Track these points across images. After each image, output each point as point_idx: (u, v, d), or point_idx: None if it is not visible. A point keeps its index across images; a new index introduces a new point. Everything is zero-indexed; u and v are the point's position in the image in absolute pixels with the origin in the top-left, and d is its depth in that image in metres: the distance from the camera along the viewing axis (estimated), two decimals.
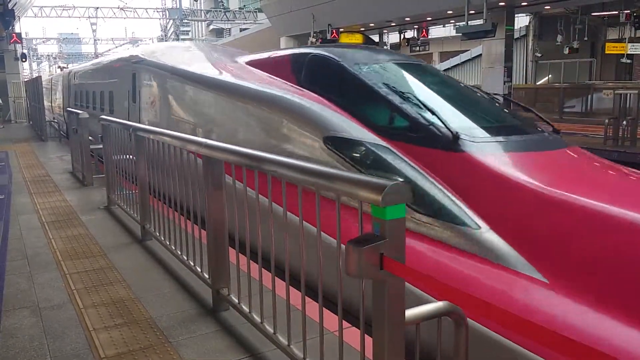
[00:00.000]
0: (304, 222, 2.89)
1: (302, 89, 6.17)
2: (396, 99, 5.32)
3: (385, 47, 31.90)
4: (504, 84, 22.35)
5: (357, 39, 28.17)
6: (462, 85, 6.60)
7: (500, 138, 4.85)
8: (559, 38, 27.98)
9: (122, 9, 40.87)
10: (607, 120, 14.54)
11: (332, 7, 26.96)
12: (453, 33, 30.45)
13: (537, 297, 3.53)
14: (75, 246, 5.75)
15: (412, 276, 2.04)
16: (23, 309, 4.16)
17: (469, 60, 35.81)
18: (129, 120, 9.16)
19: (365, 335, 2.47)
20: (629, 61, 26.70)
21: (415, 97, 5.34)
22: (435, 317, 2.25)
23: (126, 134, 6.16)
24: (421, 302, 2.38)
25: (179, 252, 4.75)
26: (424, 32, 29.86)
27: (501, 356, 3.32)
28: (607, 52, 26.83)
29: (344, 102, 5.60)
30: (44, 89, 24.26)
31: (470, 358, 2.38)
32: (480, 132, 4.91)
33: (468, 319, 2.31)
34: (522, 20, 31.11)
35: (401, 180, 2.22)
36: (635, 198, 4.18)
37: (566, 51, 27.60)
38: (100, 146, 7.74)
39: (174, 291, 4.45)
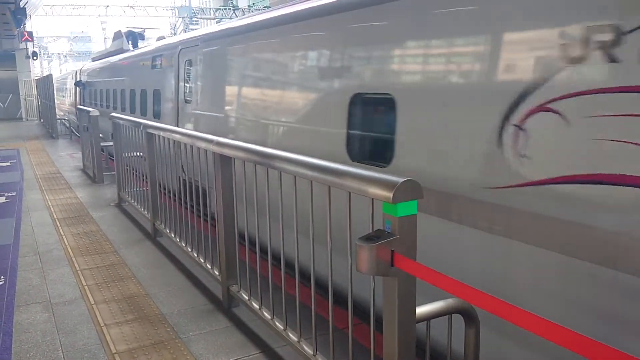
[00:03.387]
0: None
1: None
2: None
3: None
4: None
5: None
6: None
7: None
8: None
9: (131, 7, 41.07)
10: None
11: None
12: None
13: None
14: (87, 242, 5.79)
15: (423, 273, 2.03)
16: (35, 304, 4.20)
17: None
18: None
19: (376, 332, 2.47)
20: None
21: None
22: (447, 315, 2.25)
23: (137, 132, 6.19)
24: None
25: (190, 249, 4.77)
26: None
27: None
28: None
29: None
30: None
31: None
32: None
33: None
34: None
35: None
36: None
37: None
38: (111, 143, 7.78)
39: (185, 287, 4.48)
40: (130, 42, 14.62)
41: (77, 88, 19.10)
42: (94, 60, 19.02)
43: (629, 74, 2.29)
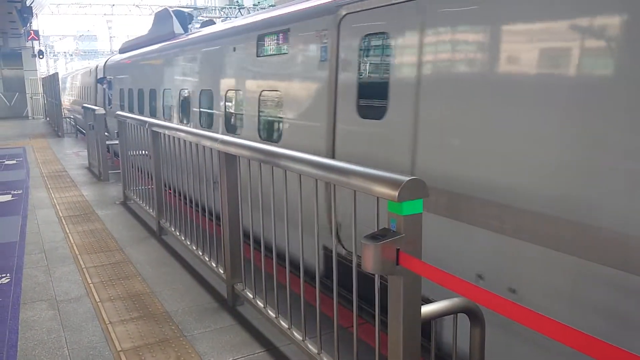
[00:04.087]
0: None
1: None
2: None
3: None
4: None
5: None
6: None
7: None
8: None
9: (137, 6, 41.19)
10: None
11: None
12: None
13: None
14: (92, 240, 5.81)
15: (429, 272, 2.03)
16: (41, 301, 4.22)
17: None
18: None
19: (381, 331, 2.47)
20: None
21: None
22: (452, 314, 2.24)
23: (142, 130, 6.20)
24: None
25: (194, 248, 4.78)
26: None
27: None
28: None
29: None
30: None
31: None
32: None
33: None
34: None
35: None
36: None
37: None
38: (117, 142, 7.80)
39: (189, 286, 4.48)
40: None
41: (101, 87, 14.84)
42: (123, 51, 13.65)
43: None
